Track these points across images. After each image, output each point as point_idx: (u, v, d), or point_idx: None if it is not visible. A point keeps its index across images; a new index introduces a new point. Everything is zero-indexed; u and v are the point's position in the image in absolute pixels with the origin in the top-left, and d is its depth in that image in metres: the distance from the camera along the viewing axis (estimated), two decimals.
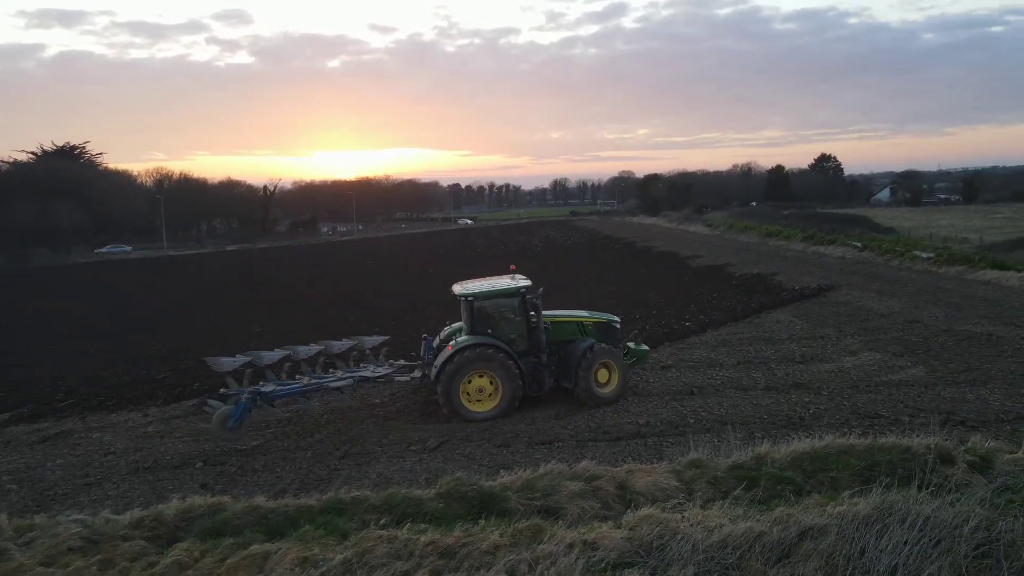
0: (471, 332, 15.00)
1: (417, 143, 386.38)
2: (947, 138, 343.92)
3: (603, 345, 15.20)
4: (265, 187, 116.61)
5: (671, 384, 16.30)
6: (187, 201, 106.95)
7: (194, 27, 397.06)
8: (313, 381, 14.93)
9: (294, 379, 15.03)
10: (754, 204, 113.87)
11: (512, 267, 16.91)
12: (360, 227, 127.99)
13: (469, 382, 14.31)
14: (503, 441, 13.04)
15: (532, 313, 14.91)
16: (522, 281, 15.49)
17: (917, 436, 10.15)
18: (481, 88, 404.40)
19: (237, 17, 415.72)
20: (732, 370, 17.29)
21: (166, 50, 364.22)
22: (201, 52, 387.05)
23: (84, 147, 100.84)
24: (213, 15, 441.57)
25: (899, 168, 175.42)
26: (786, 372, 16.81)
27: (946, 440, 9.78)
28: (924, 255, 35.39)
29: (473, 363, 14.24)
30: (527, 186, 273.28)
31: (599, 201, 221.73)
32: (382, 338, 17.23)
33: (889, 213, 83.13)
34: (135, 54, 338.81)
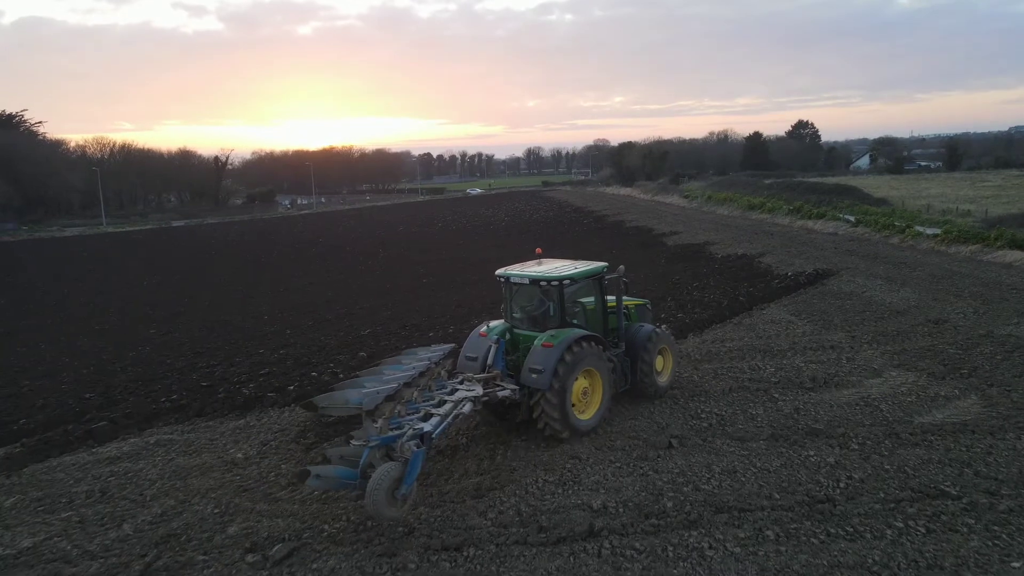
0: (561, 322, 12.10)
1: (393, 112, 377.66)
2: (920, 104, 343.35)
3: (661, 329, 13.81)
4: (216, 158, 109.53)
5: (641, 428, 11.94)
6: (133, 173, 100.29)
7: None
8: (448, 401, 10.53)
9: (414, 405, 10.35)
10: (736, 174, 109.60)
11: (538, 250, 13.80)
12: (322, 200, 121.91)
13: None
14: (387, 545, 8.60)
15: (611, 297, 13.08)
16: (560, 263, 12.97)
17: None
18: (456, 55, 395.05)
19: None
20: (723, 402, 12.98)
21: (130, 15, 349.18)
22: (166, 17, 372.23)
23: (21, 115, 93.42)
24: None
25: (873, 135, 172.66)
26: (795, 406, 12.53)
27: None
28: (929, 232, 31.38)
29: (586, 360, 11.58)
30: (504, 155, 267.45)
31: (573, 170, 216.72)
32: (447, 347, 12.48)
33: (873, 181, 79.36)
34: (97, 20, 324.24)
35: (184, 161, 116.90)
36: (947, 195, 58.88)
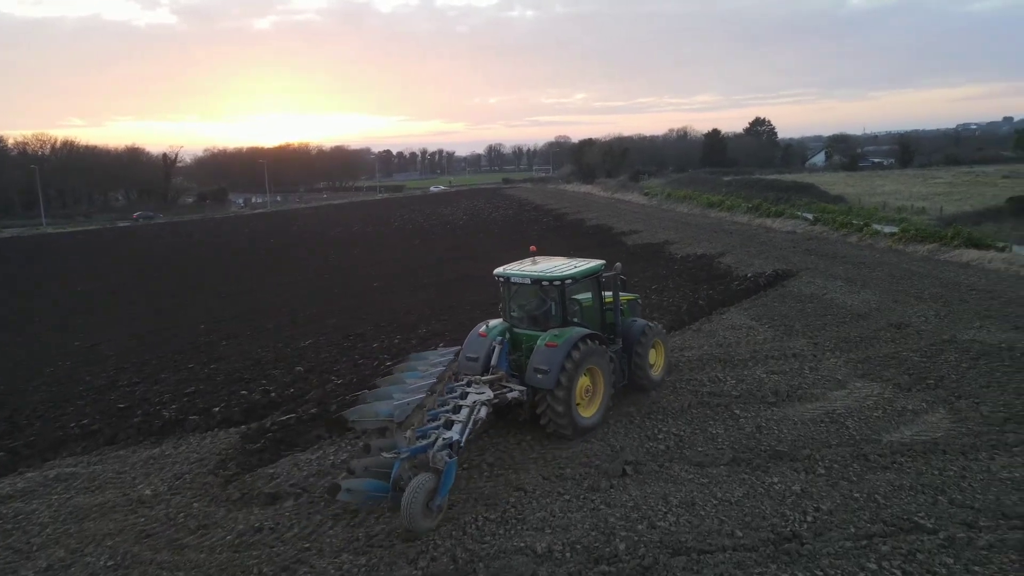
0: (562, 321, 12.15)
1: (353, 108, 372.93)
2: (872, 102, 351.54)
3: (654, 324, 14.01)
4: (164, 155, 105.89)
5: (594, 452, 10.99)
6: (77, 171, 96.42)
7: None
8: (463, 406, 10.35)
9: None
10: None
11: (532, 248, 13.94)
12: (278, 198, 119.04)
13: None
14: None
15: (607, 294, 13.19)
16: (557, 262, 13.03)
17: None
18: (418, 51, 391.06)
19: None
20: (681, 420, 12.12)
21: (79, 8, 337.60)
22: (118, 10, 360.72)
23: None
24: None
25: (828, 132, 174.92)
26: (757, 424, 11.72)
27: None
28: (886, 230, 31.19)
29: (589, 358, 11.60)
30: (466, 152, 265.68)
31: (535, 167, 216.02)
32: (453, 349, 13.04)
33: (829, 178, 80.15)
34: (45, 11, 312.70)
35: (132, 158, 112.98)
36: (901, 192, 59.56)
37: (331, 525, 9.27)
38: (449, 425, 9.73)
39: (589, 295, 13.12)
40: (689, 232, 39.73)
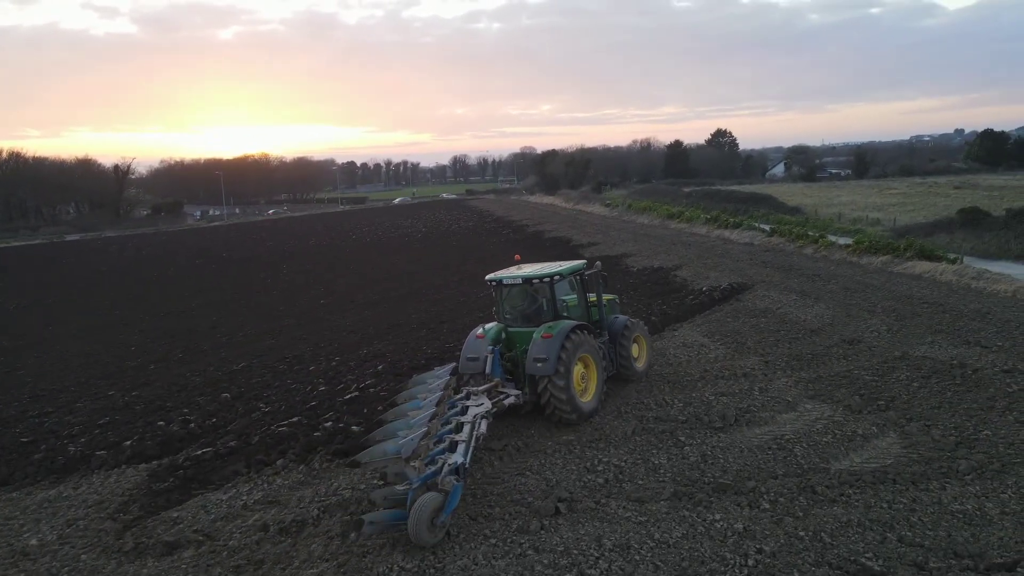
0: (554, 316, 13.20)
1: (318, 119, 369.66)
2: (830, 114, 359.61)
3: (635, 320, 15.26)
4: (117, 166, 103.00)
5: (528, 488, 10.22)
6: (25, 183, 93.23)
7: None
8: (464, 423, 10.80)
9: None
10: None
11: (517, 256, 15.59)
12: (237, 211, 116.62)
13: None
14: None
15: (591, 295, 14.33)
16: (542, 265, 14.41)
17: None
18: (383, 62, 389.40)
19: None
20: (623, 449, 11.43)
21: (35, 16, 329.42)
22: (75, 19, 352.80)
23: None
24: None
25: (788, 143, 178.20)
26: (702, 452, 11.08)
27: None
28: (841, 242, 31.16)
29: (583, 346, 12.65)
30: (432, 163, 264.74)
31: (500, 178, 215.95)
32: (448, 367, 13.84)
33: (788, 189, 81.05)
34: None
35: (85, 170, 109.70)
36: (857, 202, 60.26)
37: None
38: (453, 447, 10.00)
39: (574, 295, 14.27)
40: (647, 244, 39.40)
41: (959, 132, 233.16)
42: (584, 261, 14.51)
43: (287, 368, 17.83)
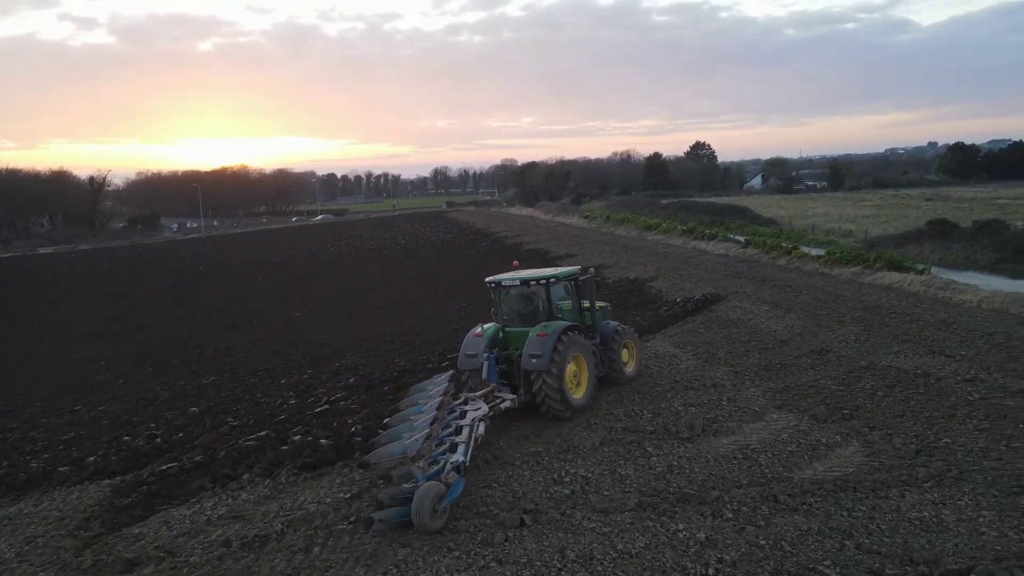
0: (549, 317, 14.07)
1: (299, 131, 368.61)
2: (806, 128, 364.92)
3: (626, 326, 15.94)
4: (92, 178, 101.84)
5: (494, 499, 10.24)
6: None
7: (43, 2, 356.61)
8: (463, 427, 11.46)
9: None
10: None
11: (515, 263, 16.41)
12: (215, 223, 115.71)
13: None
14: None
15: (584, 299, 15.04)
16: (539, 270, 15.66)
17: None
18: (365, 74, 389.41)
19: None
20: (591, 460, 11.48)
21: (11, 27, 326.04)
22: (52, 29, 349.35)
23: None
24: None
25: (766, 155, 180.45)
26: (669, 463, 11.15)
27: None
28: (814, 253, 31.57)
29: (575, 345, 13.42)
30: (413, 175, 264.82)
31: (481, 190, 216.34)
32: (447, 375, 14.01)
33: (764, 201, 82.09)
34: None
35: (60, 182, 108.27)
36: (831, 214, 61.11)
37: None
38: (454, 448, 10.62)
39: (569, 300, 14.99)
40: (624, 255, 39.65)
41: (932, 145, 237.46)
42: (579, 267, 15.65)
43: (258, 381, 17.71)
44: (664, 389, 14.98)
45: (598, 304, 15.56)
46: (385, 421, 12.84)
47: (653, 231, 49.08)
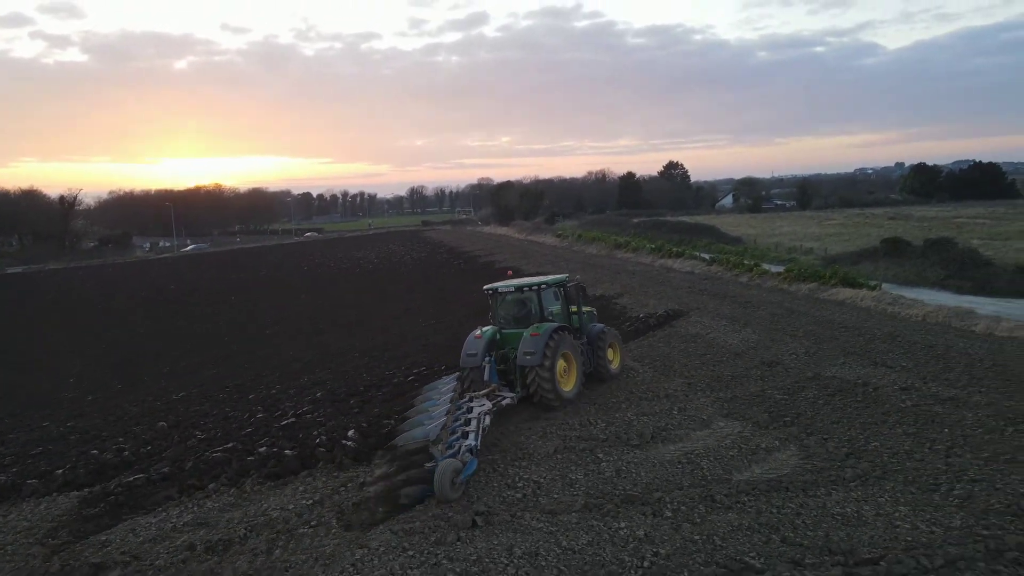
0: (540, 319, 15.65)
1: (275, 150, 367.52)
2: (778, 148, 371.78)
3: (610, 328, 17.76)
4: (62, 197, 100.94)
5: (449, 503, 10.74)
6: None
7: (15, 20, 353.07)
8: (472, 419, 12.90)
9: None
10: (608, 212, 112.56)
11: (508, 272, 19.34)
12: (188, 242, 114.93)
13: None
14: None
15: (571, 304, 16.65)
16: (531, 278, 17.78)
17: None
18: (342, 94, 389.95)
19: (66, 10, 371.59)
20: (544, 467, 12.05)
21: None
22: (24, 47, 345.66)
23: None
24: (38, 7, 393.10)
25: (739, 175, 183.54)
26: (616, 467, 11.77)
27: None
28: (774, 270, 32.60)
29: (564, 344, 15.03)
30: (390, 194, 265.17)
31: (457, 209, 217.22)
32: (454, 375, 15.55)
33: (733, 220, 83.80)
34: None
35: (30, 201, 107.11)
36: (797, 233, 62.65)
37: None
38: (466, 435, 12.10)
39: (558, 305, 16.57)
40: (593, 273, 40.42)
41: (900, 165, 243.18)
42: (566, 275, 17.74)
43: (227, 396, 18.06)
44: (619, 400, 15.61)
45: (584, 309, 17.17)
46: (406, 413, 14.11)
47: (623, 249, 50.04)
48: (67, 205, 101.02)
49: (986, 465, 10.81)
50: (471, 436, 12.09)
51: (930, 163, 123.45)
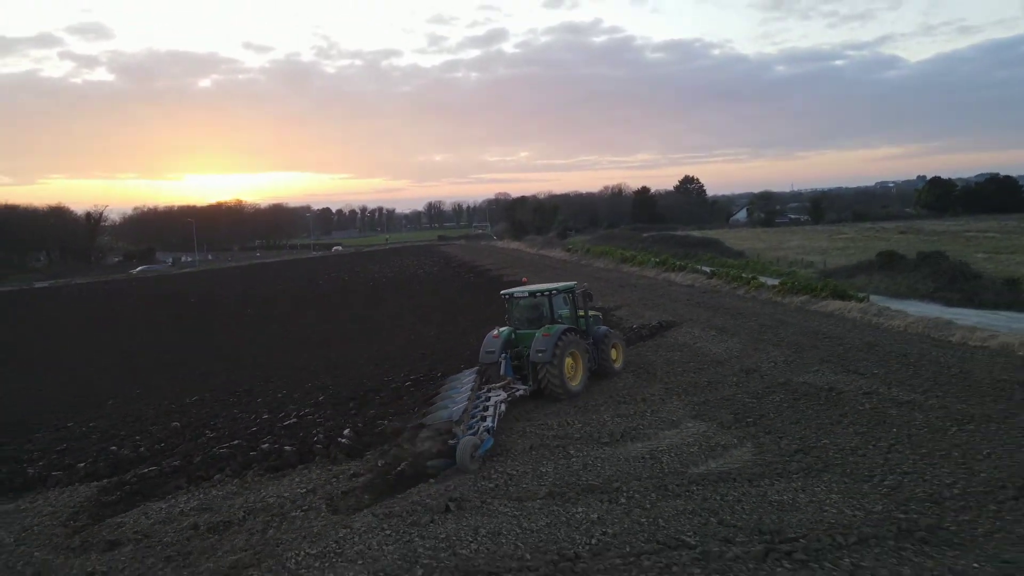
0: (551, 322, 17.63)
1: (296, 166, 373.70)
2: (799, 161, 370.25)
3: (615, 331, 20.19)
4: (89, 214, 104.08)
5: (430, 490, 11.87)
6: None
7: (46, 40, 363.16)
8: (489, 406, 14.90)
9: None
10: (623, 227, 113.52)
11: (524, 279, 20.98)
12: (210, 256, 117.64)
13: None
14: None
15: (579, 309, 18.74)
16: (544, 285, 19.46)
17: None
18: (362, 110, 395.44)
19: (95, 31, 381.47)
20: (519, 461, 13.13)
21: (12, 65, 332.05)
22: (54, 68, 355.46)
23: None
24: (68, 28, 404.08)
25: (759, 188, 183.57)
26: (584, 462, 12.82)
27: None
28: (770, 283, 33.45)
29: (572, 344, 17.02)
30: (408, 209, 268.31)
31: (474, 224, 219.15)
32: (474, 369, 17.47)
33: (744, 234, 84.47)
34: None
35: (58, 218, 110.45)
36: (805, 247, 63.22)
37: (162, 568, 9.87)
38: (484, 419, 14.00)
39: (567, 309, 18.54)
40: (597, 286, 41.24)
41: (921, 179, 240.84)
42: (575, 282, 19.86)
43: (236, 400, 19.34)
44: (598, 403, 16.64)
45: (591, 313, 19.24)
46: (433, 399, 16.04)
47: (629, 263, 51.03)
48: (93, 221, 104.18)
49: (921, 460, 11.75)
50: (489, 419, 14.07)
51: (953, 176, 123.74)
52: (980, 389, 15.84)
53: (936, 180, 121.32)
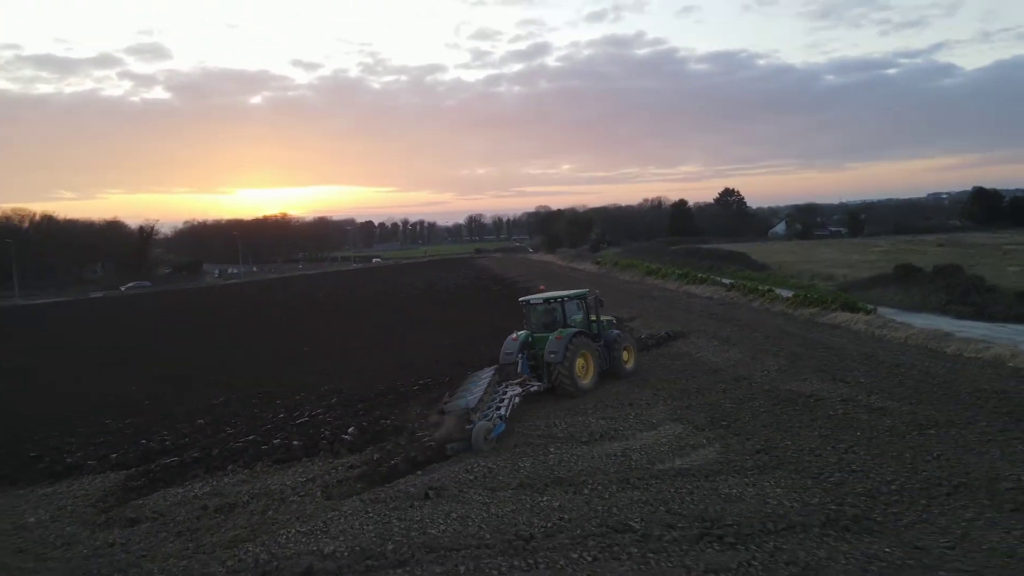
0: (564, 326, 19.45)
1: (342, 180, 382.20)
2: (849, 173, 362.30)
3: (626, 334, 22.02)
4: (141, 228, 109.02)
5: (414, 482, 13.06)
6: (56, 244, 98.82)
7: (106, 61, 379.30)
8: (505, 398, 16.78)
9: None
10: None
11: (542, 287, 24.27)
12: (254, 268, 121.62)
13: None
14: None
15: (591, 314, 20.45)
16: (558, 292, 21.73)
17: None
18: (407, 124, 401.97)
19: (152, 52, 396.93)
20: (502, 457, 14.17)
21: (75, 84, 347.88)
22: (114, 87, 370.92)
23: None
24: (127, 49, 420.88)
25: (804, 201, 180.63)
26: (560, 458, 13.86)
27: None
28: (785, 295, 33.90)
29: (583, 345, 18.78)
30: (451, 221, 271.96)
31: (513, 237, 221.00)
32: (493, 367, 19.06)
33: (777, 247, 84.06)
34: (42, 89, 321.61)
35: (113, 232, 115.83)
36: (835, 260, 62.83)
37: (172, 541, 11.28)
38: (499, 408, 15.89)
39: (581, 314, 20.30)
40: (616, 298, 42.19)
41: (979, 190, 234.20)
42: (587, 289, 22.20)
43: (257, 401, 20.87)
44: (588, 409, 17.59)
45: (604, 318, 21.02)
46: (453, 391, 17.73)
47: (653, 276, 51.73)
48: (145, 235, 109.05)
49: (872, 460, 12.50)
50: (503, 408, 15.96)
51: (1013, 188, 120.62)
52: (958, 397, 16.39)
53: (981, 191, 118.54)
